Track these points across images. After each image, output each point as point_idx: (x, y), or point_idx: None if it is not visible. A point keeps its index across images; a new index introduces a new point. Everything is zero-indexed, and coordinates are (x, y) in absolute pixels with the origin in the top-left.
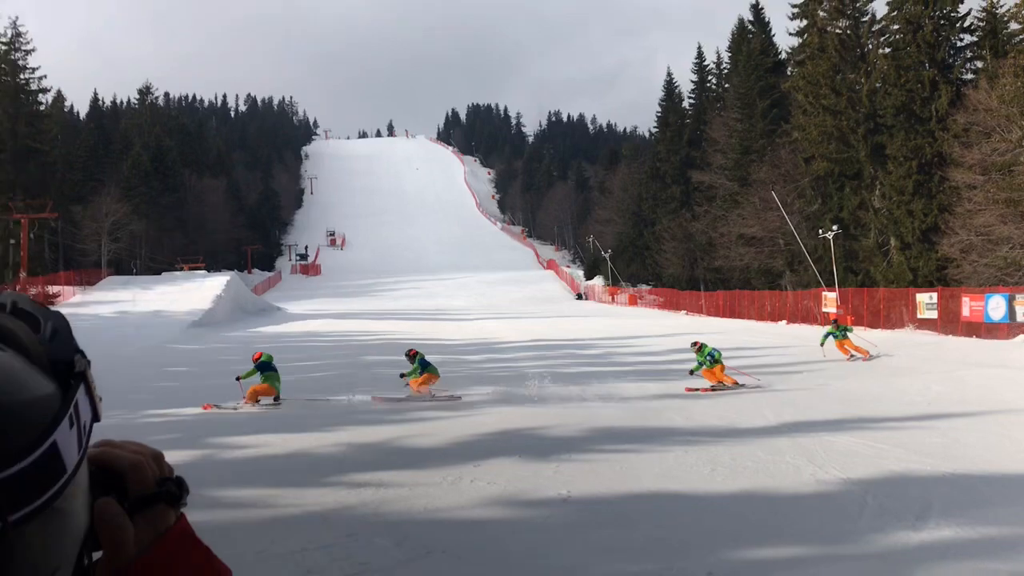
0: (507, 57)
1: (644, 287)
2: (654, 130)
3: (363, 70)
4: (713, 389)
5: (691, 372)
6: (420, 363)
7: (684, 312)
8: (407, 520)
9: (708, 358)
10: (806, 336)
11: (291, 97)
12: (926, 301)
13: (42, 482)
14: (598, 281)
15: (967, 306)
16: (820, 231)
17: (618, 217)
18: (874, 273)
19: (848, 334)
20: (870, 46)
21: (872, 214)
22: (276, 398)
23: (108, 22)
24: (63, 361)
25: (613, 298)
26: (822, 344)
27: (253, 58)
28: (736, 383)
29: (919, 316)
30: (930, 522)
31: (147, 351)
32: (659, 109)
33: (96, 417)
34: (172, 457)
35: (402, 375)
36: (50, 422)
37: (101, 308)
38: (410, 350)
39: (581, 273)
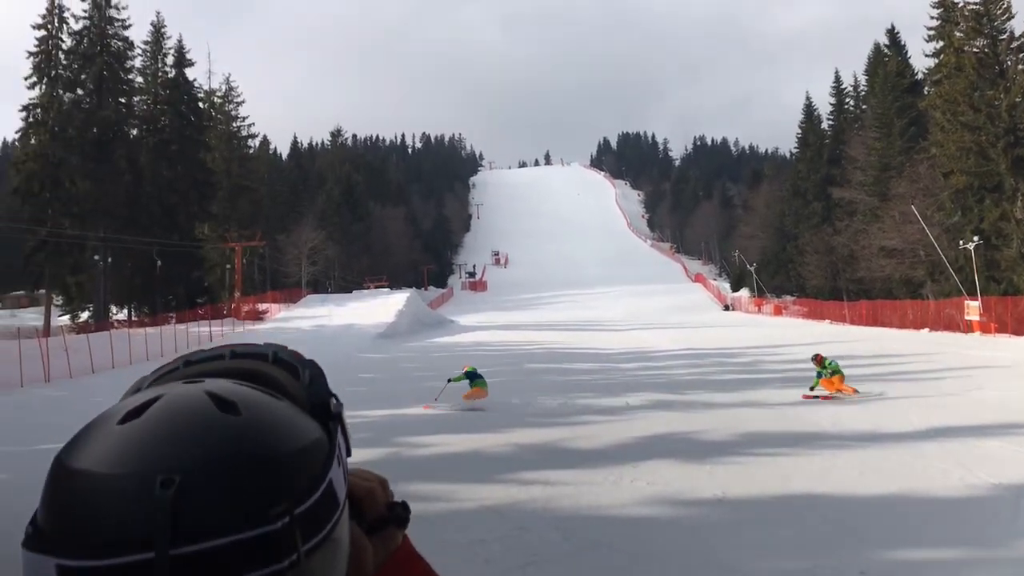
0: (653, 89)
1: (788, 298)
2: (795, 150)
3: (522, 106)
4: (831, 397)
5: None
6: None
7: (828, 321)
8: (574, 516)
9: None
10: (949, 343)
11: (459, 133)
12: None
13: (324, 516)
14: (744, 293)
15: None
16: (961, 242)
17: (762, 232)
18: (1018, 282)
19: (838, 371)
20: (1009, 63)
21: (1014, 225)
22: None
23: (305, 77)
24: (321, 404)
25: (759, 309)
26: (812, 388)
27: (427, 101)
28: (855, 391)
29: None
30: None
31: (342, 359)
32: (799, 130)
33: (348, 452)
34: (365, 455)
35: None
36: (324, 462)
37: (302, 322)
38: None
39: (727, 285)
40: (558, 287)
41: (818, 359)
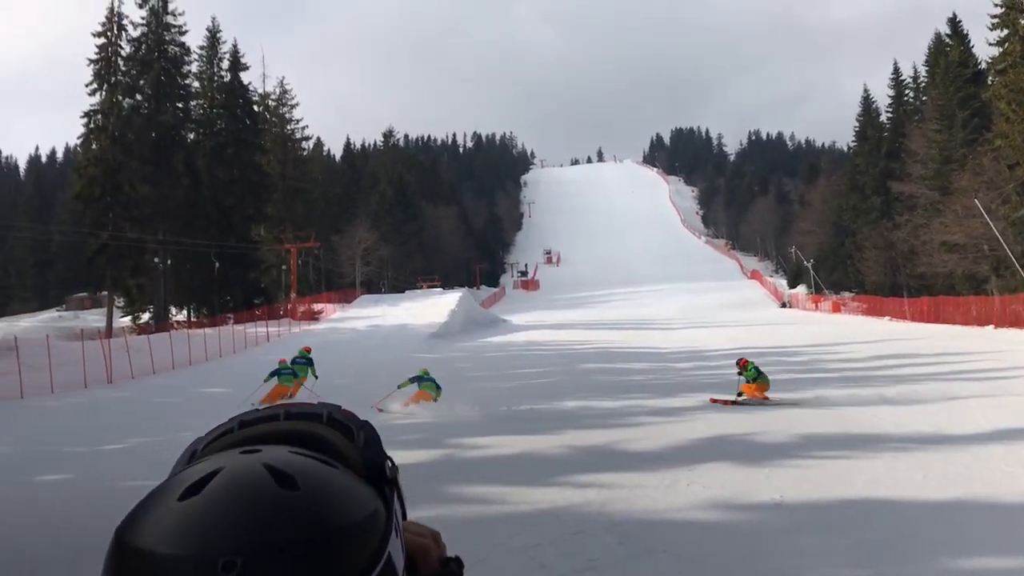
0: (706, 84)
1: (847, 294)
2: (852, 144)
3: (574, 103)
4: (730, 403)
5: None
6: None
7: (888, 318)
8: (629, 520)
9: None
10: (1015, 341)
11: (510, 132)
12: None
13: None
14: (801, 289)
15: None
16: None
17: (819, 228)
18: None
19: (758, 377)
20: None
21: None
22: None
23: (357, 79)
24: (376, 467)
25: (816, 306)
26: (740, 395)
27: (477, 101)
28: (766, 399)
29: None
30: None
31: (395, 359)
32: (856, 124)
33: (404, 515)
34: (419, 456)
35: None
36: (382, 535)
37: (357, 323)
38: None
39: (784, 282)
40: (611, 285)
41: (741, 363)
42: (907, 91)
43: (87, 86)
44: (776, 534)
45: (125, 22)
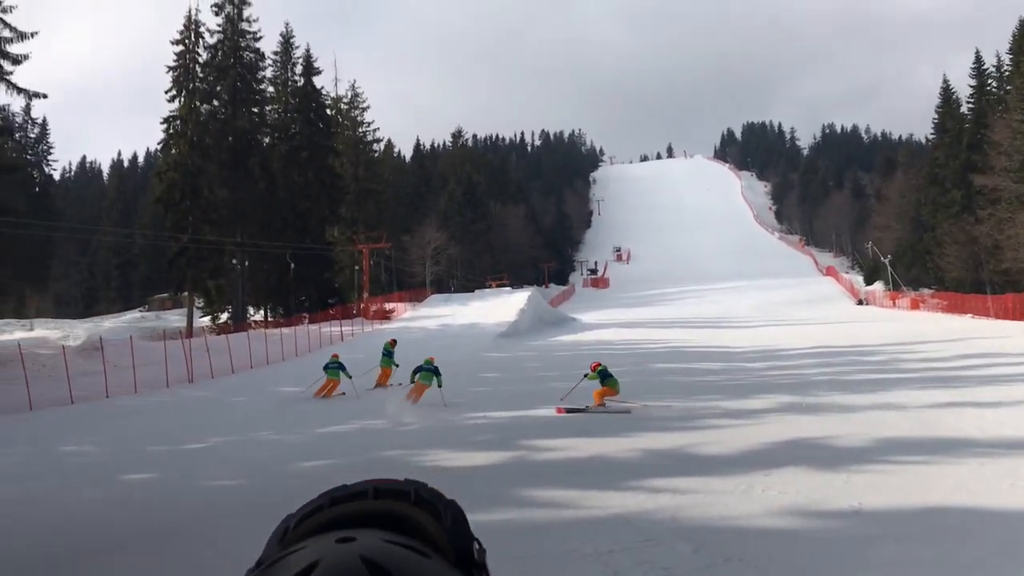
0: (777, 77)
1: (926, 291)
2: (930, 136)
3: (643, 99)
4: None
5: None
6: None
7: (969, 316)
8: (704, 527)
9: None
10: None
11: (579, 129)
12: None
13: None
14: (878, 286)
15: None
16: None
17: (896, 223)
18: None
19: (605, 382)
20: None
21: None
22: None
23: (426, 80)
24: (464, 550)
25: (894, 303)
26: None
27: (545, 99)
28: (602, 405)
29: None
30: None
31: (465, 358)
32: (935, 115)
33: None
34: (491, 458)
35: None
36: None
37: (428, 322)
38: None
39: (860, 279)
40: (682, 282)
41: (593, 367)
42: (990, 80)
43: (166, 93)
44: (855, 543)
45: (202, 30)
